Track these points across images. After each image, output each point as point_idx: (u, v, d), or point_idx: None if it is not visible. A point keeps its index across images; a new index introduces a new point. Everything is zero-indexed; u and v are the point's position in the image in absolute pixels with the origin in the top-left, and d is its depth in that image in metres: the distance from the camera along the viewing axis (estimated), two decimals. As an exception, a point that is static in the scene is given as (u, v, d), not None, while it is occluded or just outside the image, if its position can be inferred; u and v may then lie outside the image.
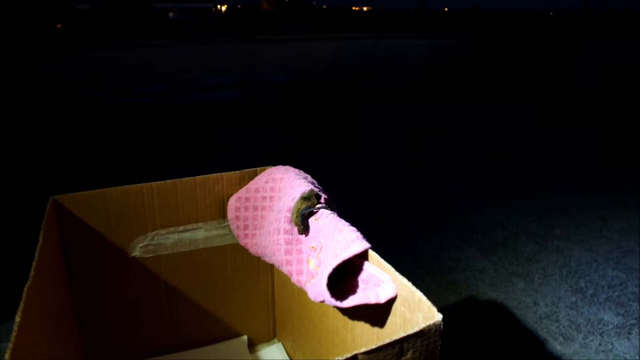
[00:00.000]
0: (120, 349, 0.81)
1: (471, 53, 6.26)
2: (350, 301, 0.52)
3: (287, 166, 0.80)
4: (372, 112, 4.36)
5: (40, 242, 0.56)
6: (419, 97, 5.06)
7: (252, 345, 0.95)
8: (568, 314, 1.50)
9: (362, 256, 0.56)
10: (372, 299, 0.50)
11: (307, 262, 0.63)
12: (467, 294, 1.60)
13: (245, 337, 0.93)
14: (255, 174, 0.82)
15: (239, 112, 4.32)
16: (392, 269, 0.51)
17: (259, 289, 0.91)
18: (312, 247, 0.63)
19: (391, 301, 0.51)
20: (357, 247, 0.54)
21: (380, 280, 0.52)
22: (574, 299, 1.59)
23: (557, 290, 1.62)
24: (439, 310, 0.40)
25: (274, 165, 0.82)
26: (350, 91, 5.25)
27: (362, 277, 0.54)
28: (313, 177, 0.78)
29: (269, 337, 0.96)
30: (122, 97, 4.74)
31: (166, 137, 3.42)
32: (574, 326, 1.45)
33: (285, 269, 0.68)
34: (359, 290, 0.54)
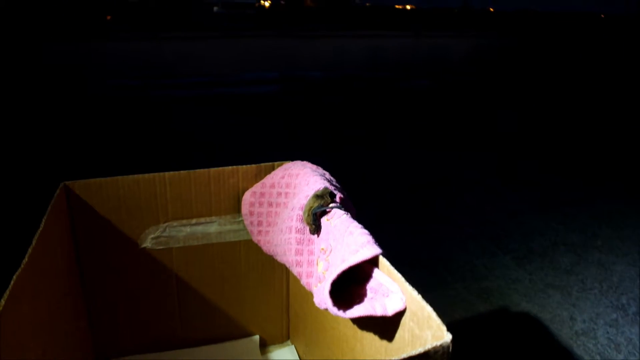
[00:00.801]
0: (128, 342, 0.80)
1: (518, 55, 6.06)
2: (355, 311, 0.48)
3: (304, 161, 0.76)
4: (408, 111, 4.28)
5: (40, 229, 0.55)
6: (457, 97, 4.92)
7: (264, 346, 0.92)
8: (607, 332, 1.41)
9: (372, 262, 0.51)
10: (378, 311, 0.46)
11: (317, 264, 0.60)
12: (500, 303, 1.53)
13: (257, 337, 0.90)
14: (272, 169, 0.79)
15: (273, 107, 4.31)
16: (403, 279, 0.47)
17: (274, 288, 0.88)
18: (322, 248, 0.59)
19: (400, 314, 0.46)
20: (366, 252, 0.49)
21: (389, 291, 0.47)
22: (614, 316, 1.48)
23: (596, 306, 1.53)
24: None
25: (293, 160, 0.79)
26: (386, 90, 5.17)
27: (371, 285, 0.50)
28: (334, 174, 0.74)
29: (282, 338, 0.93)
30: (160, 89, 4.82)
31: (195, 130, 3.44)
32: (613, 345, 1.36)
33: (295, 270, 0.65)
34: (365, 300, 0.49)
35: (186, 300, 0.82)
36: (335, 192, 0.64)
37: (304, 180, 0.70)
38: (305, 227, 0.64)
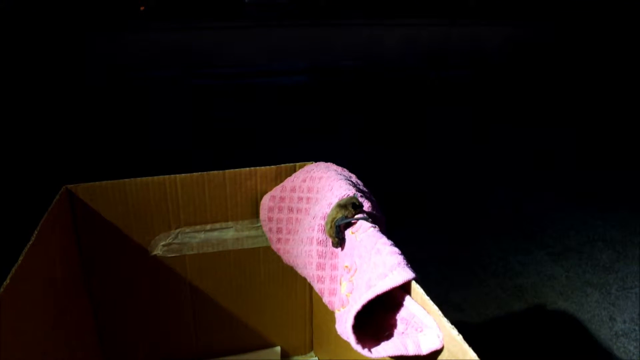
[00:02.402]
0: (140, 356, 0.75)
1: (555, 43, 5.78)
2: (382, 350, 0.40)
3: (329, 163, 0.69)
4: (440, 103, 4.13)
5: (33, 239, 0.49)
6: (491, 88, 4.74)
7: (286, 357, 0.86)
8: None
9: (404, 287, 0.44)
10: (410, 350, 0.39)
11: (340, 283, 0.52)
12: (535, 301, 1.47)
13: (278, 348, 0.84)
14: (294, 170, 0.72)
15: (302, 98, 4.24)
16: (438, 311, 0.39)
17: (296, 297, 0.81)
18: (346, 266, 0.51)
19: (435, 353, 0.39)
20: (397, 277, 0.42)
21: (422, 324, 0.40)
22: None
23: (637, 306, 1.45)
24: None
25: (316, 161, 0.71)
26: (418, 80, 5.03)
27: (402, 316, 0.42)
28: (361, 174, 0.67)
29: (305, 349, 0.86)
30: (188, 78, 4.82)
31: (221, 121, 3.41)
32: (655, 348, 1.26)
33: (316, 287, 0.58)
34: (396, 333, 0.42)
35: (201, 310, 0.76)
36: (362, 199, 0.57)
37: (327, 184, 0.62)
38: (328, 238, 0.57)
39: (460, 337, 0.36)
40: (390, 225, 0.57)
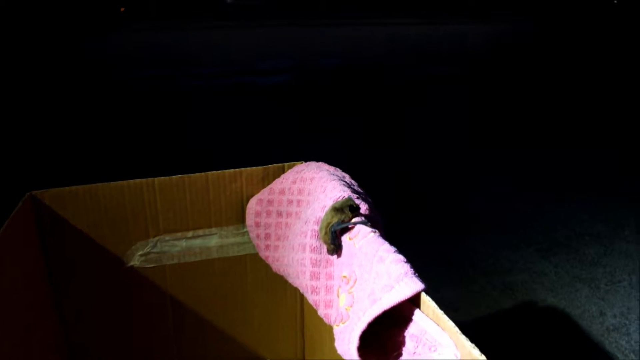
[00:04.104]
0: (116, 373, 0.69)
1: (534, 39, 5.82)
2: (392, 375, 0.35)
3: (320, 163, 0.64)
4: (425, 99, 4.12)
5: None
6: (476, 84, 4.75)
7: (277, 371, 0.80)
8: None
9: (412, 300, 0.39)
10: (424, 373, 0.34)
11: (337, 294, 0.47)
12: (525, 298, 1.46)
13: (267, 362, 0.79)
14: (282, 171, 0.66)
15: (287, 97, 4.19)
16: (454, 327, 0.34)
17: (285, 307, 0.76)
18: (344, 276, 0.46)
19: (453, 377, 0.34)
20: (404, 289, 0.37)
21: (436, 343, 0.35)
22: None
23: (627, 300, 1.44)
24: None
25: (306, 160, 0.66)
26: (402, 78, 5.01)
27: (411, 332, 0.38)
28: (354, 175, 0.62)
29: (297, 362, 0.81)
30: (172, 79, 4.73)
31: (205, 124, 3.34)
32: (647, 342, 1.26)
33: (310, 298, 0.52)
34: (405, 353, 0.37)
35: (184, 325, 0.70)
36: (358, 201, 0.52)
37: (319, 186, 0.57)
38: (322, 245, 0.52)
39: (484, 357, 0.31)
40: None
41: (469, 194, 2.22)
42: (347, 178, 0.60)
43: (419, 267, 0.40)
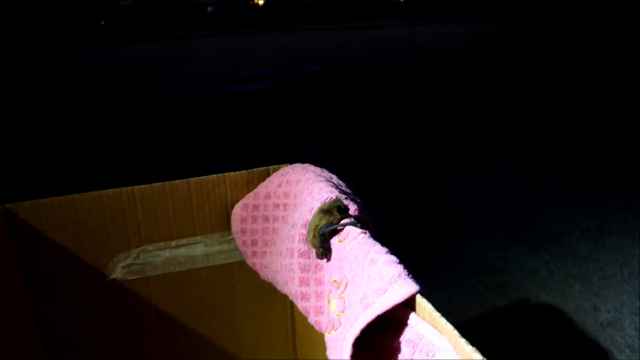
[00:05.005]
0: (101, 392, 0.66)
1: (513, 38, 5.88)
2: (389, 383, 0.34)
3: (306, 164, 0.62)
4: (408, 101, 4.13)
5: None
6: (457, 84, 4.78)
7: (269, 381, 0.78)
8: (634, 322, 1.31)
9: (407, 303, 0.37)
10: (422, 380, 0.32)
11: (328, 300, 0.45)
12: (518, 296, 1.45)
13: (259, 372, 0.76)
14: (267, 175, 0.64)
15: (271, 103, 4.18)
16: (454, 330, 0.33)
17: (276, 315, 0.74)
18: (334, 280, 0.44)
19: (453, 383, 0.32)
20: (398, 291, 0.35)
21: (434, 347, 0.33)
22: (639, 304, 1.39)
23: (620, 294, 1.44)
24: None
25: (291, 163, 0.64)
26: (383, 80, 5.03)
27: (407, 337, 0.36)
28: (341, 176, 0.60)
29: (289, 371, 0.79)
30: (155, 90, 4.69)
31: (189, 134, 3.31)
32: (641, 336, 1.26)
33: (300, 305, 0.50)
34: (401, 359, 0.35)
35: (171, 337, 0.68)
36: (347, 201, 0.50)
37: (306, 188, 0.55)
38: (310, 249, 0.50)
39: (485, 361, 0.30)
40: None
41: (454, 194, 2.21)
42: (335, 179, 0.58)
43: (407, 269, 0.38)
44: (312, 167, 0.61)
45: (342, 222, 0.46)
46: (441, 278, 1.55)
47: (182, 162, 2.66)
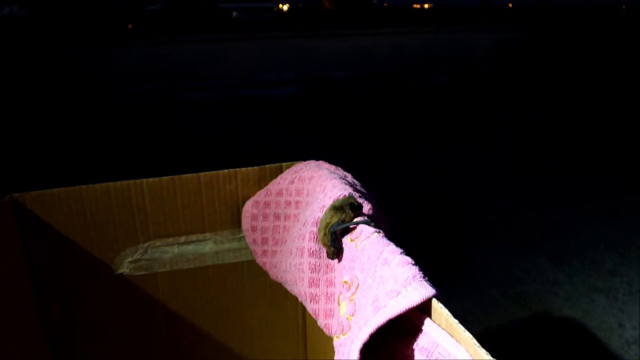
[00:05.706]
0: (105, 389, 0.64)
1: (536, 49, 5.79)
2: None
3: (320, 161, 0.59)
4: (431, 107, 4.09)
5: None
6: (478, 93, 4.72)
7: (278, 385, 0.76)
8: None
9: (421, 307, 0.34)
10: (436, 392, 0.29)
11: (338, 302, 0.43)
12: (539, 309, 1.41)
13: (267, 376, 0.74)
14: (280, 171, 0.62)
15: (295, 108, 4.18)
16: (471, 338, 0.30)
17: (286, 317, 0.72)
18: (345, 281, 0.42)
19: (470, 396, 0.29)
20: (412, 294, 0.32)
21: (450, 356, 0.30)
22: None
23: None
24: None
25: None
26: (406, 87, 5.00)
27: (421, 345, 0.33)
28: (363, 180, 0.58)
29: (299, 376, 0.76)
30: (180, 92, 4.74)
31: (213, 134, 3.33)
32: (669, 356, 1.20)
33: (310, 307, 0.48)
34: (414, 368, 0.32)
35: (178, 336, 0.66)
36: (360, 199, 0.47)
37: (319, 185, 0.53)
38: (322, 248, 0.47)
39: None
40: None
41: (478, 204, 2.17)
42: (349, 177, 0.56)
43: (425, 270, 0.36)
44: (326, 165, 0.58)
45: (355, 220, 0.44)
46: (460, 288, 1.51)
47: (203, 162, 2.67)
